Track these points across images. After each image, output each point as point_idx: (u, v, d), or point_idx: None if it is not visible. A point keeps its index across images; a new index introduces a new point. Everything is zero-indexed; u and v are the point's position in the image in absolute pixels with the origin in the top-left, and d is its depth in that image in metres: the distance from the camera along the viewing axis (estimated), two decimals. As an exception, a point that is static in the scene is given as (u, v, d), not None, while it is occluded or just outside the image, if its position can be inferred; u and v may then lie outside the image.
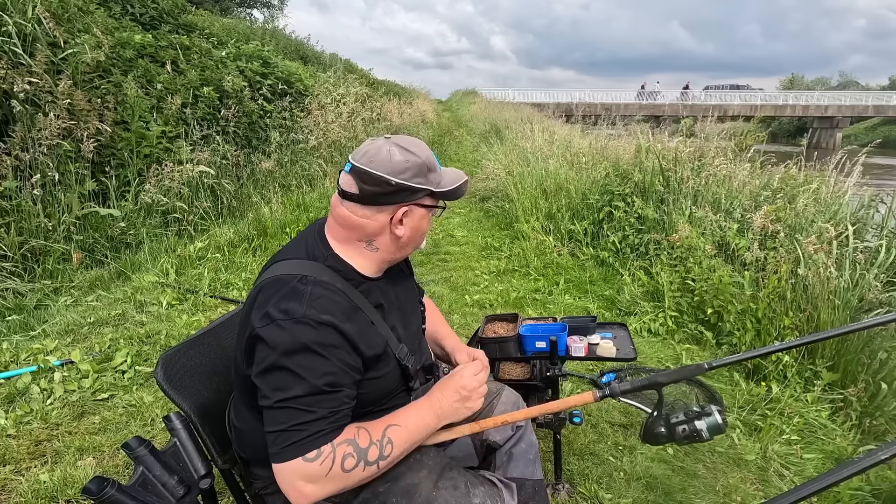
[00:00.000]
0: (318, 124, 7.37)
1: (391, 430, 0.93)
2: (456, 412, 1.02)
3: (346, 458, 0.86)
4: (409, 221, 0.99)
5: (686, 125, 6.33)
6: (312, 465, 0.84)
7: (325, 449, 0.85)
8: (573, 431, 2.15)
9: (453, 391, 1.02)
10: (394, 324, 1.05)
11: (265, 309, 0.89)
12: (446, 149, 12.38)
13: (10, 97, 3.63)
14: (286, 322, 0.86)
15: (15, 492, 1.76)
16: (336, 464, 0.85)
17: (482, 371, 1.08)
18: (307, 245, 1.01)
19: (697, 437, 0.96)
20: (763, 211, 3.51)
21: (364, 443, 0.89)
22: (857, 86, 63.56)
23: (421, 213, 1.01)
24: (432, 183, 0.99)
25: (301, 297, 0.89)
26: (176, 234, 4.33)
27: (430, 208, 1.02)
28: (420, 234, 1.04)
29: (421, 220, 1.02)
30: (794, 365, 2.55)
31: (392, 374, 1.02)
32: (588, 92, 39.86)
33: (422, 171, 0.97)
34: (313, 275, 0.93)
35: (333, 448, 0.86)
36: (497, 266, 4.34)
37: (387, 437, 0.92)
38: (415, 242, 1.05)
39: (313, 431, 0.85)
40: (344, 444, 0.87)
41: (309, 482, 0.85)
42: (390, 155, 0.94)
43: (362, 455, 0.88)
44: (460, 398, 1.02)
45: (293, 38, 14.56)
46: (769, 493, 1.90)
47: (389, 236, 0.99)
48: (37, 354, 2.62)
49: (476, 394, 1.04)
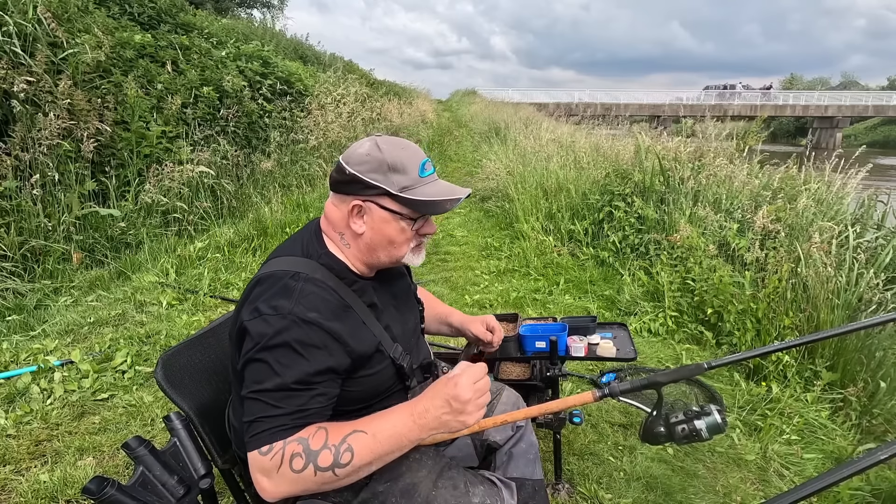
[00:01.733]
0: (318, 124, 7.37)
1: (354, 437, 0.85)
2: (445, 425, 0.88)
3: (294, 457, 0.82)
4: (369, 220, 0.97)
5: (687, 125, 6.33)
6: (264, 458, 0.83)
7: (276, 445, 0.83)
8: (573, 431, 2.15)
9: (444, 401, 0.87)
10: (388, 323, 1.04)
11: (255, 304, 0.90)
12: (446, 149, 12.37)
13: (10, 97, 3.63)
14: (272, 317, 0.87)
15: (15, 492, 1.76)
16: (284, 462, 0.82)
17: (482, 379, 0.91)
18: (303, 243, 1.02)
19: (697, 436, 0.96)
20: (763, 211, 3.51)
21: (316, 445, 0.83)
22: (858, 86, 63.58)
23: (382, 216, 0.96)
24: (392, 184, 0.94)
25: (291, 293, 0.89)
26: (176, 234, 4.33)
27: (395, 214, 0.96)
28: (386, 239, 0.98)
29: (383, 224, 0.97)
30: (793, 365, 2.55)
31: (385, 373, 1.02)
32: (588, 92, 39.88)
33: (380, 169, 0.94)
34: (306, 272, 0.94)
35: (284, 445, 0.83)
36: (497, 266, 4.34)
37: (346, 444, 0.84)
38: (384, 249, 0.99)
39: (274, 426, 0.84)
40: (295, 442, 0.83)
41: (264, 476, 0.83)
42: (359, 147, 0.97)
43: (311, 457, 0.82)
44: (451, 410, 0.87)
45: (293, 38, 14.57)
46: (769, 493, 1.90)
47: (350, 231, 0.99)
48: (37, 354, 2.62)
49: (473, 406, 0.87)
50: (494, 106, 19.48)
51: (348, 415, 1.00)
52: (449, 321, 1.40)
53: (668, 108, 36.34)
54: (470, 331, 1.37)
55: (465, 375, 0.89)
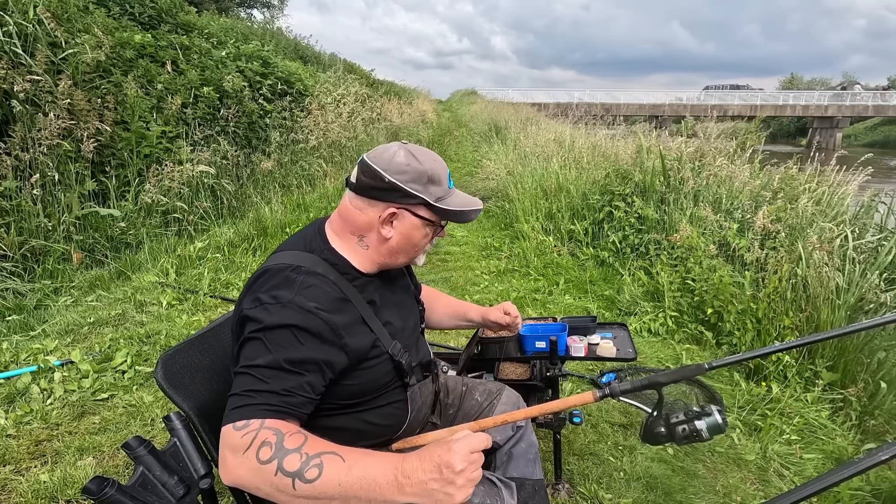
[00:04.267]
0: (318, 124, 7.37)
1: (328, 458, 0.77)
2: (429, 495, 0.74)
3: (263, 444, 0.77)
4: (399, 226, 1.00)
5: (687, 125, 6.33)
6: (236, 434, 0.79)
7: (253, 423, 0.79)
8: (573, 431, 2.15)
9: (434, 465, 0.75)
10: (388, 320, 1.05)
11: (257, 294, 0.91)
12: (446, 149, 12.37)
13: (10, 97, 3.63)
14: (273, 306, 0.88)
15: (15, 492, 1.76)
16: (253, 446, 0.77)
17: (478, 452, 0.78)
18: (306, 239, 1.04)
19: (697, 436, 0.96)
20: (763, 211, 3.51)
21: (290, 444, 0.78)
22: (859, 86, 63.54)
23: (413, 223, 1.00)
24: (430, 195, 0.98)
25: (292, 284, 0.91)
26: (176, 234, 4.33)
27: (426, 221, 1.01)
28: (411, 244, 1.02)
29: (413, 230, 1.01)
30: (794, 365, 2.55)
31: (383, 369, 1.02)
32: (588, 92, 39.88)
33: (420, 179, 0.97)
34: (308, 265, 0.95)
35: (261, 426, 0.79)
36: (497, 266, 4.34)
37: (319, 460, 0.76)
38: (406, 253, 1.03)
39: (257, 402, 0.81)
40: (271, 430, 0.79)
41: (230, 453, 0.79)
42: (394, 155, 0.98)
43: (280, 455, 0.76)
44: (440, 478, 0.74)
45: (292, 38, 14.57)
46: (769, 493, 1.90)
47: (377, 235, 1.00)
48: (37, 354, 2.62)
49: (463, 479, 0.74)
50: (494, 106, 19.49)
51: (345, 410, 1.01)
52: (468, 317, 1.45)
53: (667, 108, 36.35)
54: (489, 318, 1.42)
55: (463, 443, 0.77)
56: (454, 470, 0.74)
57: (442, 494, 0.74)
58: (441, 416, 1.26)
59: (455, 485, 0.74)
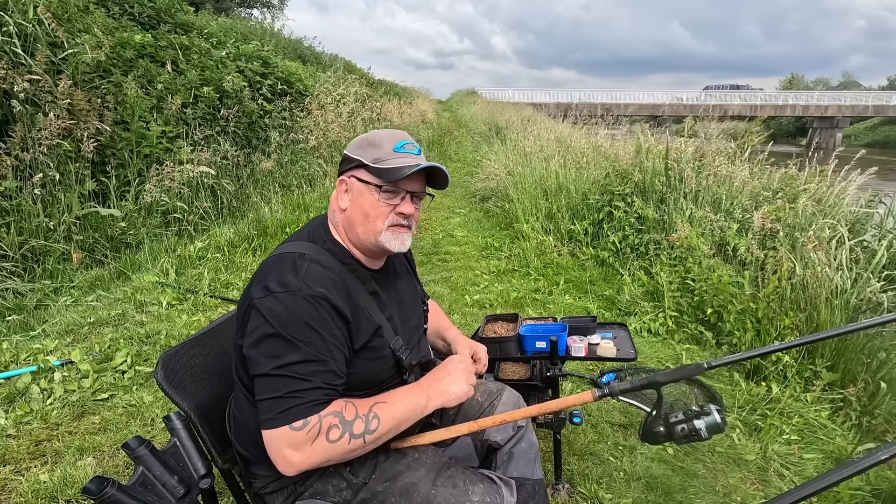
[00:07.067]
0: (317, 124, 7.37)
1: (378, 407, 0.95)
2: (444, 393, 1.03)
3: (331, 428, 0.88)
4: (350, 196, 1.04)
5: (688, 125, 6.33)
6: (299, 433, 0.86)
7: (312, 419, 0.87)
8: (573, 431, 2.15)
9: (444, 374, 1.06)
10: (391, 315, 1.08)
11: (265, 282, 0.93)
12: (446, 149, 12.37)
13: (10, 97, 3.63)
14: (283, 294, 0.90)
15: (15, 492, 1.76)
16: (322, 434, 0.88)
17: (466, 361, 1.13)
18: (310, 231, 1.09)
19: (696, 436, 0.96)
20: (763, 211, 3.51)
21: (350, 415, 0.91)
22: (859, 86, 63.58)
23: (358, 188, 1.03)
24: (367, 156, 1.02)
25: (298, 270, 0.94)
26: (176, 234, 4.33)
27: (368, 185, 1.02)
28: (361, 212, 1.02)
29: (359, 196, 1.03)
30: (793, 365, 2.55)
31: (385, 362, 1.05)
32: (588, 92, 39.87)
33: (362, 144, 1.04)
34: (311, 254, 0.99)
35: (320, 419, 0.88)
36: (497, 266, 4.34)
37: (373, 413, 0.94)
38: (361, 223, 1.03)
39: (308, 400, 0.88)
40: (330, 415, 0.89)
41: (295, 450, 0.87)
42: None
43: (347, 427, 0.90)
44: (447, 376, 1.06)
45: (292, 38, 14.55)
46: (769, 493, 1.90)
47: (338, 209, 1.06)
48: (37, 354, 2.62)
49: (461, 373, 1.07)
50: (495, 106, 19.48)
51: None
52: (444, 335, 1.38)
53: (667, 108, 36.33)
54: (455, 348, 1.33)
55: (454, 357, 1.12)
56: (455, 367, 1.07)
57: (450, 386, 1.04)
58: (441, 416, 1.26)
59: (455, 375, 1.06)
